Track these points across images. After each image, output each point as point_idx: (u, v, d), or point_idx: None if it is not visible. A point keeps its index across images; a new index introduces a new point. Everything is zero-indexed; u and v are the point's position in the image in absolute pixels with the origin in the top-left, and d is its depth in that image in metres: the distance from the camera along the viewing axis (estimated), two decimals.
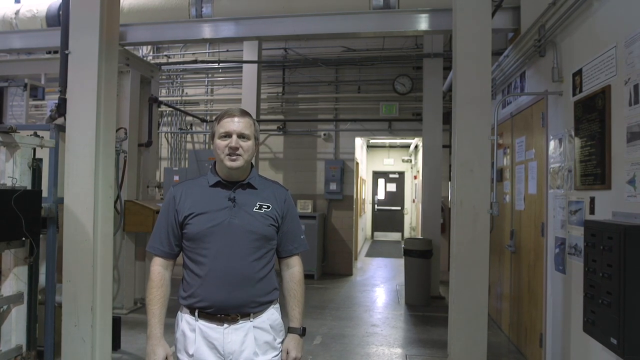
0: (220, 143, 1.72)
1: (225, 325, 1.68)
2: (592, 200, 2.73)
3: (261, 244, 1.73)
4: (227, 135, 1.71)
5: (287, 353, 1.79)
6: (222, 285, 1.67)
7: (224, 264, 1.67)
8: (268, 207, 1.76)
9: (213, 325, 1.68)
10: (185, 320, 1.72)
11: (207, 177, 1.80)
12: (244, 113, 1.77)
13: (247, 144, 1.73)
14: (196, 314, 1.69)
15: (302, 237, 1.90)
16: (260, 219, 1.74)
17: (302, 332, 1.84)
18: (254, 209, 1.74)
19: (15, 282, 2.97)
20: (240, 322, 1.69)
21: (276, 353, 1.77)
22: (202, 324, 1.68)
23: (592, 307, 2.40)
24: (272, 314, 1.78)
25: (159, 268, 1.76)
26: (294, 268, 1.88)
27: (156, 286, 1.73)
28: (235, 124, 1.72)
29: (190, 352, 1.68)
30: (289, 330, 1.84)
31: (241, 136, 1.72)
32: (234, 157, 1.71)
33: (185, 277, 1.74)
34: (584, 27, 2.92)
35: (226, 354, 1.67)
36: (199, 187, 1.78)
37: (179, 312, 1.78)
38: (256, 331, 1.71)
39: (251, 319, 1.71)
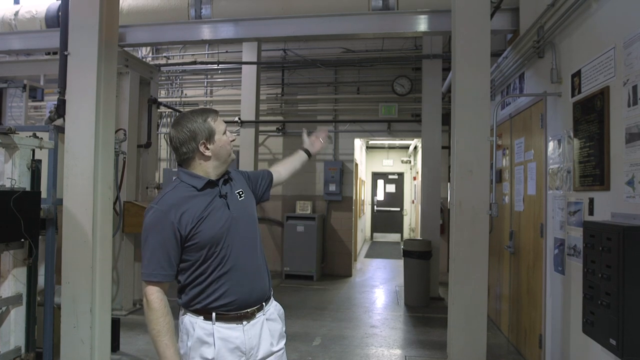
0: (226, 139, 1.77)
1: (244, 322, 1.70)
2: (591, 201, 2.73)
3: (257, 229, 1.82)
4: (225, 131, 1.78)
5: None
6: (245, 281, 1.70)
7: (241, 258, 1.70)
8: (243, 191, 1.83)
9: (232, 325, 1.68)
10: (200, 326, 1.66)
11: (188, 183, 1.71)
12: None
13: None
14: (213, 317, 1.65)
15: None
16: (248, 204, 1.82)
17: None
18: (240, 198, 1.79)
19: (14, 284, 2.97)
20: (257, 316, 1.73)
21: (285, 340, 1.86)
22: (220, 326, 1.66)
23: (591, 308, 2.40)
24: (276, 304, 1.87)
25: (159, 295, 1.61)
26: (277, 166, 2.19)
27: (162, 315, 1.59)
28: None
29: (210, 358, 1.64)
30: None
31: None
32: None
33: (199, 282, 1.66)
34: (582, 29, 2.93)
35: (247, 350, 1.69)
36: (188, 194, 1.68)
37: (187, 318, 1.70)
38: (269, 323, 1.78)
39: (264, 312, 1.76)
